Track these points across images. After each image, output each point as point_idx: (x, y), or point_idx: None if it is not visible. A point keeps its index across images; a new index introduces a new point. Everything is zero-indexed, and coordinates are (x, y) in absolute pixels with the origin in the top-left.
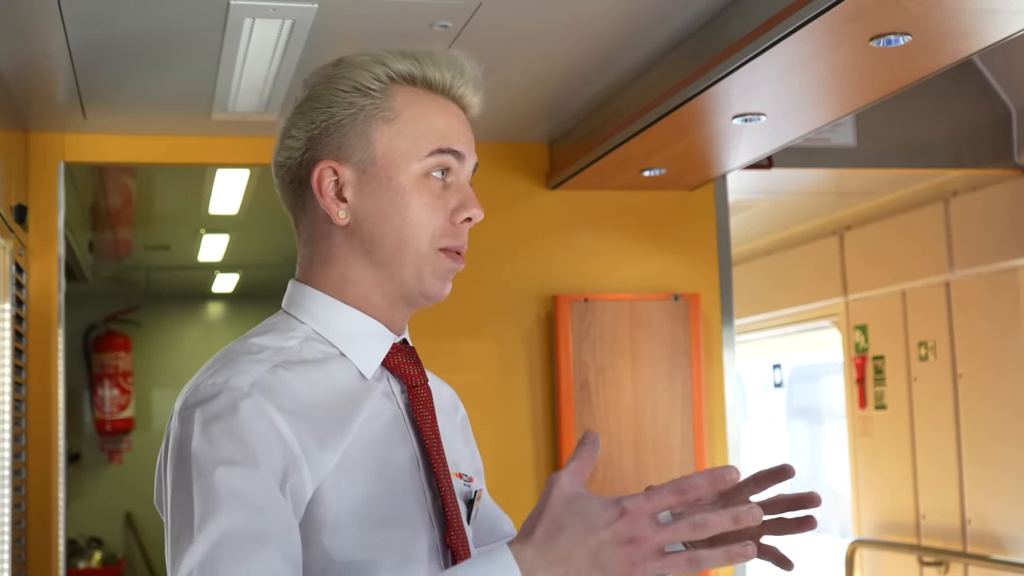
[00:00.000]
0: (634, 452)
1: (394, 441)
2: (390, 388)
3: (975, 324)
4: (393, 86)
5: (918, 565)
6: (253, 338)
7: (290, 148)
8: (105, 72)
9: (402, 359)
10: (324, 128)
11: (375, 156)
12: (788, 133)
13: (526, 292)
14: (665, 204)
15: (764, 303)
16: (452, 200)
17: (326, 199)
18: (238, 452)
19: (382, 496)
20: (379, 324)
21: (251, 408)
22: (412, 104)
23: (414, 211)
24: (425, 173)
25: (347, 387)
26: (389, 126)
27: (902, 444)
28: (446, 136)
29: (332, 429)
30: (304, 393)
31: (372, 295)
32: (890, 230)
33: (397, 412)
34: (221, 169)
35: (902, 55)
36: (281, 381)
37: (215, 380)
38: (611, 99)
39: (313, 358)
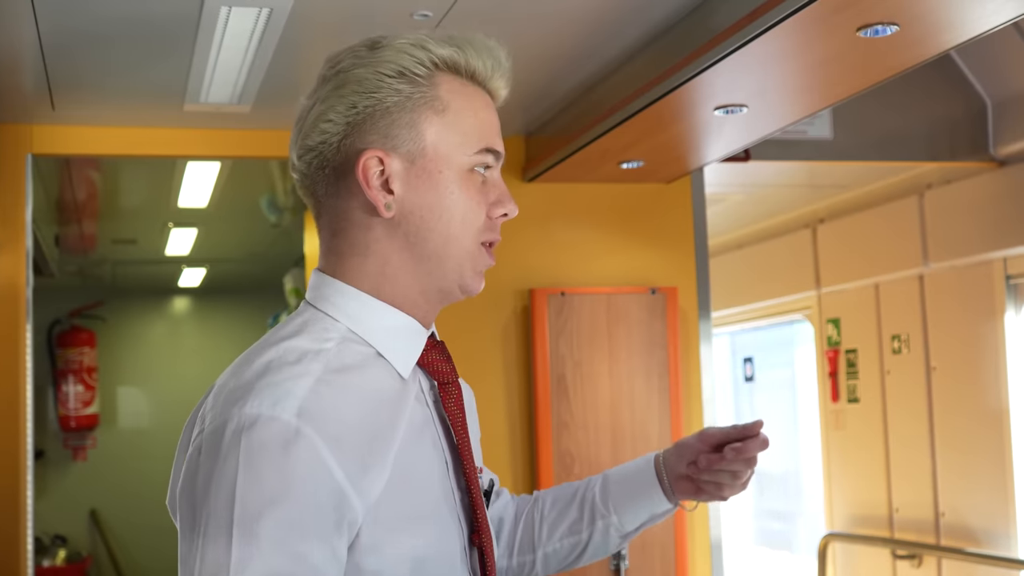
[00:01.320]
0: (612, 446)
1: (426, 446)
2: (420, 387)
3: (949, 317)
4: (438, 74)
5: (891, 558)
6: (287, 340)
7: (325, 132)
8: (76, 62)
9: (435, 356)
10: (369, 114)
11: (425, 148)
12: (768, 125)
13: (502, 286)
14: (642, 197)
15: (736, 296)
16: (491, 194)
17: (372, 190)
18: (286, 493)
19: (419, 507)
20: (413, 320)
21: (301, 448)
22: (459, 95)
23: (462, 206)
24: (470, 168)
25: (387, 393)
26: (440, 117)
27: (875, 437)
28: (491, 134)
29: (377, 450)
30: (347, 411)
31: (409, 290)
32: (864, 223)
33: (427, 413)
34: (192, 161)
35: (888, 45)
36: (325, 402)
37: (260, 403)
38: (590, 91)
39: (352, 362)
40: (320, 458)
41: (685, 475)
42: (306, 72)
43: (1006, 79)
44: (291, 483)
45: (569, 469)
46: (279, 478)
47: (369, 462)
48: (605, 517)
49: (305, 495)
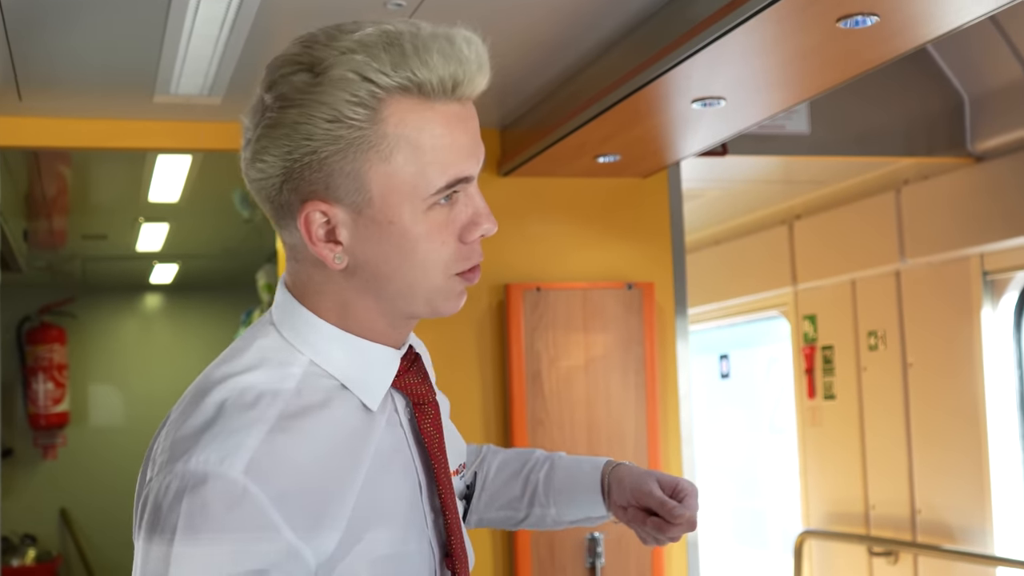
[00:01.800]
0: (588, 443)
1: (396, 472)
2: (394, 407)
3: (925, 313)
4: (381, 105)
5: (867, 555)
6: (245, 375)
7: (263, 172)
8: (42, 51)
9: (411, 379)
10: (306, 164)
11: (371, 198)
12: (746, 118)
13: (477, 282)
14: (618, 192)
15: (713, 293)
16: (461, 216)
17: (317, 246)
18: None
19: (384, 535)
20: (384, 348)
21: (247, 508)
22: (410, 126)
23: (421, 255)
24: (429, 207)
25: (350, 429)
26: (386, 164)
27: (851, 434)
28: (453, 162)
29: (333, 499)
30: (301, 462)
31: (376, 323)
32: (840, 219)
33: (400, 437)
34: (162, 155)
35: (868, 37)
36: (277, 454)
37: (207, 458)
38: (566, 83)
39: (313, 402)
40: (267, 518)
41: (619, 506)
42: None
43: (983, 74)
44: (234, 545)
45: None
46: (219, 541)
47: (323, 515)
48: (544, 506)
49: (247, 557)
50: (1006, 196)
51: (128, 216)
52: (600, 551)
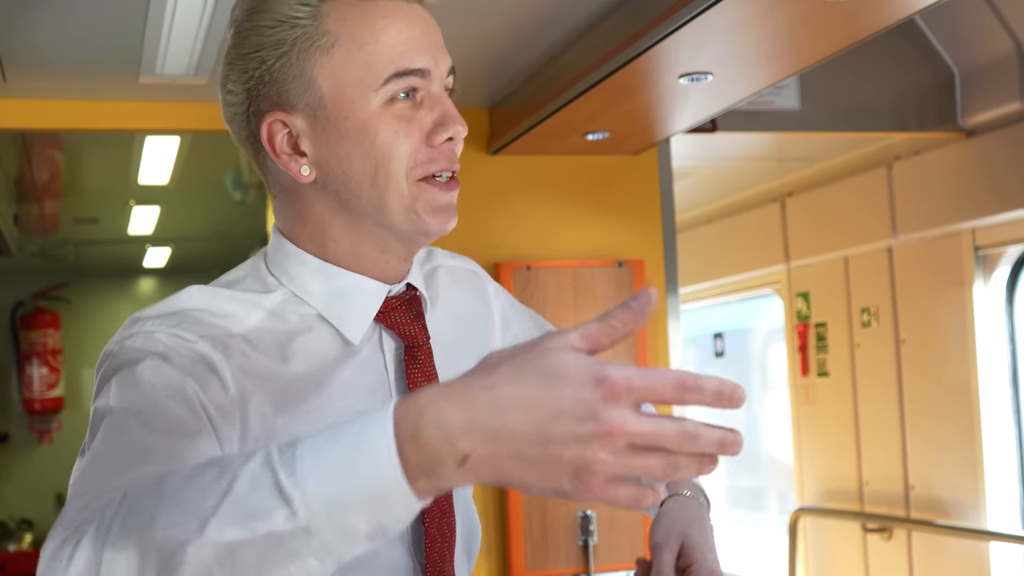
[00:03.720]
0: None
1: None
2: (380, 347)
3: (918, 289)
4: (323, 4)
5: (861, 532)
6: (221, 298)
7: (232, 104)
8: (26, 33)
9: (400, 316)
10: (259, 77)
11: (322, 96)
12: (734, 93)
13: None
14: (608, 169)
15: (706, 271)
16: (427, 118)
17: (282, 157)
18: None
19: None
20: (367, 279)
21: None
22: (350, 20)
23: (382, 146)
24: (387, 101)
25: (321, 356)
26: (328, 56)
27: (845, 411)
28: (401, 53)
29: (283, 398)
30: (260, 366)
31: (359, 246)
32: (832, 196)
33: (380, 378)
34: (150, 136)
35: (855, 8)
36: (234, 346)
37: (161, 325)
38: (553, 60)
39: (286, 329)
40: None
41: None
42: None
43: (973, 49)
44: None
45: None
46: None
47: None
48: None
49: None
50: (997, 171)
51: (119, 199)
52: (592, 529)
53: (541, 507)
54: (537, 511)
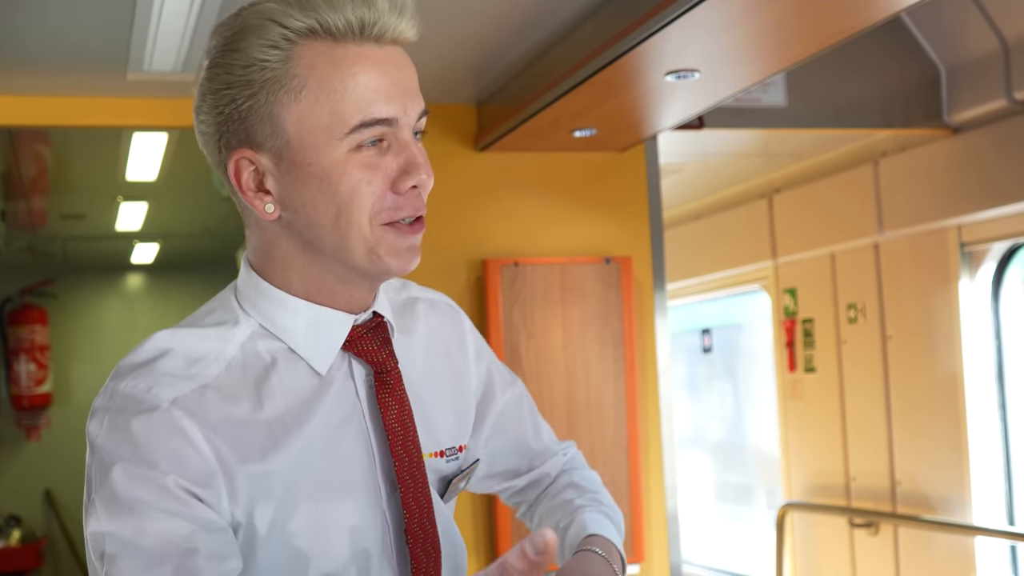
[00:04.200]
0: (567, 417)
1: (348, 443)
2: (351, 375)
3: (904, 285)
4: (294, 48)
5: (848, 527)
6: (195, 330)
7: (204, 133)
8: (14, 29)
9: (367, 343)
10: (228, 114)
11: (288, 140)
12: (721, 91)
13: (455, 256)
14: (596, 166)
15: (694, 267)
16: (392, 165)
17: (247, 194)
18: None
19: (325, 506)
20: (332, 311)
21: (168, 428)
22: (319, 66)
23: (345, 193)
24: (352, 148)
25: (295, 391)
26: (296, 101)
27: (831, 407)
28: (368, 102)
29: (265, 445)
30: (235, 410)
31: (323, 281)
32: (819, 192)
33: (353, 406)
34: (138, 132)
35: (840, 7)
36: (209, 402)
37: (136, 384)
38: (541, 57)
39: (257, 363)
40: (187, 439)
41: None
42: None
43: (959, 46)
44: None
45: None
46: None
47: (247, 460)
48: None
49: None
50: (983, 167)
51: (107, 195)
52: None
53: None
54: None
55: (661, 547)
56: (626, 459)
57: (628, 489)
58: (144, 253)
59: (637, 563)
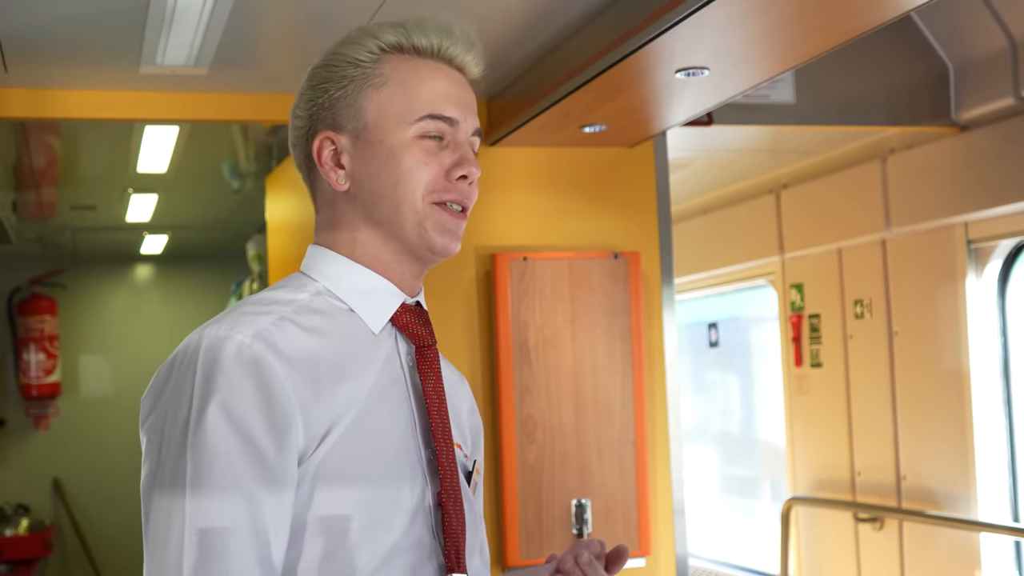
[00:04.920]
0: (574, 411)
1: (391, 404)
2: (396, 349)
3: (910, 282)
4: (384, 56)
5: (853, 521)
6: (266, 292)
7: (296, 128)
8: (27, 22)
9: (412, 319)
10: (321, 104)
11: (367, 122)
12: (730, 88)
13: (465, 250)
14: (605, 161)
15: (701, 262)
16: (448, 158)
17: (324, 167)
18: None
19: (371, 454)
20: (387, 282)
21: (254, 360)
22: (402, 69)
23: (405, 167)
24: (417, 136)
25: (354, 341)
26: (378, 92)
27: (838, 402)
28: (436, 101)
29: (332, 379)
30: (309, 341)
31: (381, 253)
32: (827, 188)
33: (399, 375)
34: (149, 125)
35: (848, 6)
36: (285, 332)
37: (220, 327)
38: (551, 53)
39: (323, 309)
40: (272, 370)
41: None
42: (263, 33)
43: (968, 43)
44: (241, 394)
45: (532, 434)
46: (229, 389)
47: (322, 391)
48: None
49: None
50: (990, 165)
51: (117, 187)
52: (587, 517)
53: (536, 496)
54: (532, 500)
55: (667, 540)
56: (633, 452)
57: (635, 482)
58: (154, 244)
59: (643, 556)
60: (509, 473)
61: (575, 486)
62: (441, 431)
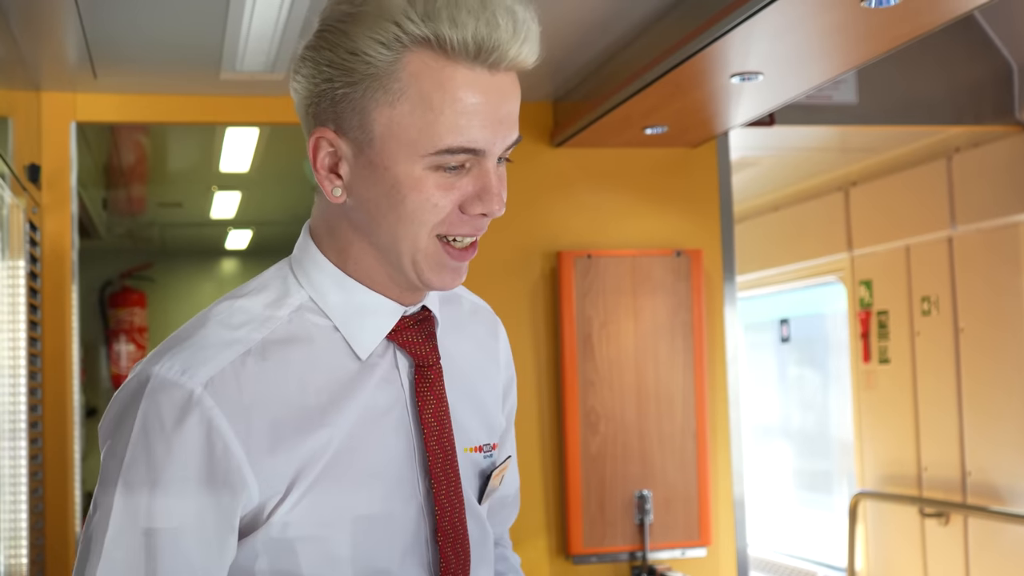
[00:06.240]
0: (636, 405)
1: (388, 431)
2: (395, 364)
3: (976, 279)
4: (404, 52)
5: (919, 516)
6: (244, 299)
7: (296, 92)
8: (114, 31)
9: (412, 336)
10: (323, 90)
11: (372, 139)
12: (788, 91)
13: (531, 248)
14: (668, 161)
15: (770, 258)
16: (469, 187)
17: (320, 173)
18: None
19: (353, 495)
20: (384, 299)
21: (195, 418)
22: (423, 79)
23: (410, 207)
24: (431, 168)
25: (334, 375)
26: (391, 108)
27: (905, 398)
28: (461, 129)
29: (298, 424)
30: (274, 382)
31: (376, 273)
32: (894, 186)
33: (399, 394)
34: (231, 127)
35: (894, 14)
36: (247, 373)
37: (172, 365)
38: (613, 57)
39: (301, 335)
40: (215, 429)
41: None
42: None
43: None
44: (171, 453)
45: (595, 426)
46: (165, 448)
47: (279, 443)
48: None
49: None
50: None
51: (202, 185)
52: (649, 508)
53: (599, 486)
54: (595, 490)
55: (728, 532)
56: (694, 446)
57: (696, 475)
58: (237, 239)
59: (704, 547)
60: (573, 464)
61: (637, 477)
62: (442, 465)
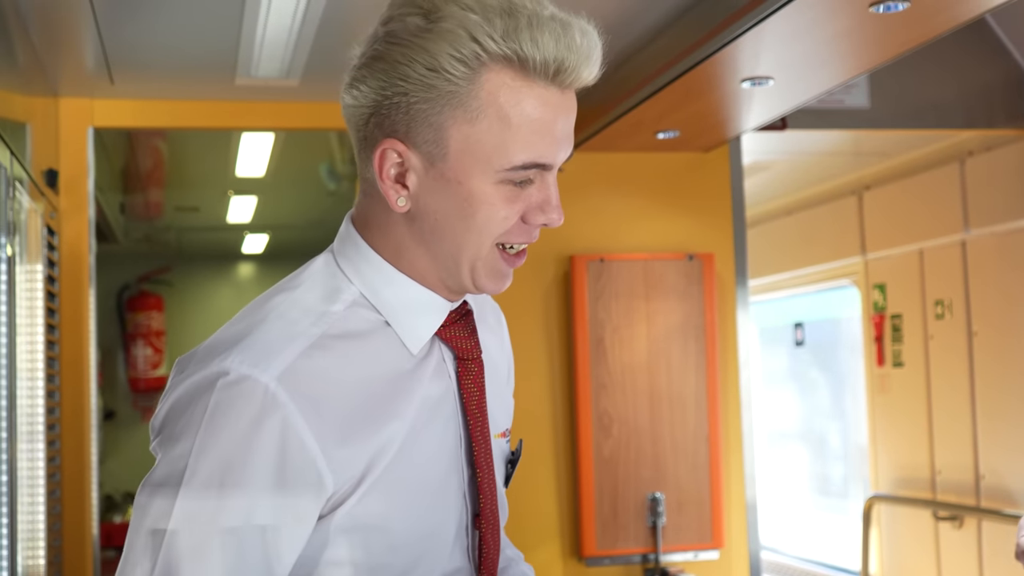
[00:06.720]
0: (649, 407)
1: (441, 420)
2: (442, 358)
3: (989, 283)
4: (483, 70)
5: (933, 520)
6: (297, 291)
7: (356, 99)
8: (130, 38)
9: (457, 331)
10: (395, 102)
11: (447, 154)
12: (799, 96)
13: (544, 253)
14: (680, 166)
15: (784, 262)
16: (532, 199)
17: (385, 183)
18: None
19: (420, 481)
20: (434, 295)
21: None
22: (502, 97)
23: (481, 219)
24: (501, 181)
25: (392, 366)
26: (470, 125)
27: (918, 401)
28: (535, 146)
29: (365, 423)
30: (338, 379)
31: (428, 273)
32: (907, 190)
33: (448, 386)
34: (246, 132)
35: (903, 19)
36: (314, 365)
37: (243, 359)
38: (624, 62)
39: (357, 329)
40: (290, 425)
41: None
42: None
43: None
44: (248, 450)
45: (607, 429)
46: (242, 444)
47: (351, 435)
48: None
49: (260, 464)
50: None
51: (218, 189)
52: (661, 510)
53: (612, 488)
54: (608, 492)
55: (740, 534)
56: (707, 448)
57: (708, 477)
58: (254, 243)
59: (716, 549)
60: (585, 466)
61: (649, 480)
62: (484, 454)
